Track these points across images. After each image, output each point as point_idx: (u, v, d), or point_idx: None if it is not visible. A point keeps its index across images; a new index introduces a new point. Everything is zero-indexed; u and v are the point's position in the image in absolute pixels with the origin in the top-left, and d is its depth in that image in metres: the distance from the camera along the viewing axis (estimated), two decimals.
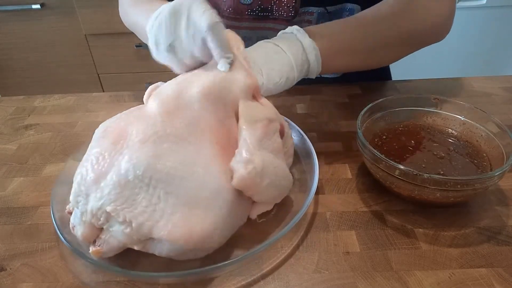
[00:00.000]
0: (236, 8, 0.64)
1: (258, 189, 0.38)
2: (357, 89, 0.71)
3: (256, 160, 0.37)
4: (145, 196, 0.36)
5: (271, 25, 0.66)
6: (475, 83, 0.71)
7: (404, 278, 0.38)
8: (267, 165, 0.38)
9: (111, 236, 0.37)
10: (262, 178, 0.38)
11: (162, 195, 0.36)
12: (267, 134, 0.41)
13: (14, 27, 1.69)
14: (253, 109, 0.42)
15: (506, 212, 0.44)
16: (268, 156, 0.39)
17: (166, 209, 0.35)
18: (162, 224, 0.35)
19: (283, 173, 0.41)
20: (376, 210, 0.45)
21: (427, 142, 0.50)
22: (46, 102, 0.73)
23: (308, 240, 0.42)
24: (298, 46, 0.47)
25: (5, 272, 0.41)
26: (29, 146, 0.61)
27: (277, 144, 0.42)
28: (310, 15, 0.65)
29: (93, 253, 0.37)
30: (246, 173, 0.37)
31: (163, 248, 0.36)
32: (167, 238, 0.35)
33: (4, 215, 0.48)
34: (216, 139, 0.40)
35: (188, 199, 0.36)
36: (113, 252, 0.38)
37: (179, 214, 0.36)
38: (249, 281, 0.39)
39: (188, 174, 0.37)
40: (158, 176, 0.36)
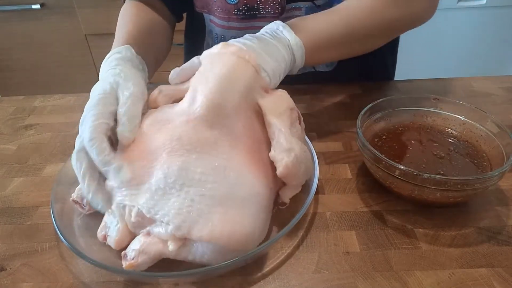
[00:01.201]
0: (224, 8, 0.64)
1: (298, 175, 0.41)
2: (357, 89, 0.71)
3: (296, 148, 0.40)
4: (177, 200, 0.36)
5: (259, 23, 0.65)
6: (475, 83, 0.71)
7: (404, 278, 0.38)
8: (301, 151, 0.41)
9: (149, 245, 0.37)
10: (300, 164, 0.41)
11: (197, 198, 0.36)
12: (293, 123, 0.43)
13: (14, 27, 1.69)
14: (274, 102, 0.43)
15: (506, 212, 0.44)
16: (298, 142, 0.42)
17: (203, 210, 0.36)
18: (201, 224, 0.35)
19: (308, 156, 0.44)
20: (376, 210, 0.45)
21: (427, 142, 0.50)
22: (46, 102, 0.73)
23: (308, 240, 0.42)
24: (285, 42, 0.47)
25: (5, 272, 0.41)
26: (29, 146, 0.61)
27: (299, 131, 0.44)
28: (298, 10, 0.64)
29: (127, 267, 0.36)
30: (290, 162, 0.39)
31: (204, 251, 0.36)
32: (208, 237, 0.35)
33: (4, 215, 0.48)
34: (244, 145, 0.41)
35: (224, 200, 0.36)
36: (146, 264, 0.37)
37: (218, 214, 0.36)
38: (249, 281, 0.39)
39: (220, 178, 0.37)
40: (189, 182, 0.37)
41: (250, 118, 0.42)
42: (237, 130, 0.41)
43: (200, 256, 0.36)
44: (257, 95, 0.43)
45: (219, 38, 0.69)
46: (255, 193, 0.38)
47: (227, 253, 0.36)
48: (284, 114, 0.42)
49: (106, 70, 0.46)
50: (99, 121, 0.39)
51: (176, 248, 0.36)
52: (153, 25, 0.62)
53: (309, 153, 0.44)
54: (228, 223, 0.36)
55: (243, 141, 0.41)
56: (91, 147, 0.38)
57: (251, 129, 0.42)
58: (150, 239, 0.37)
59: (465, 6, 1.62)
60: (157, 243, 0.37)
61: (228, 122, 0.41)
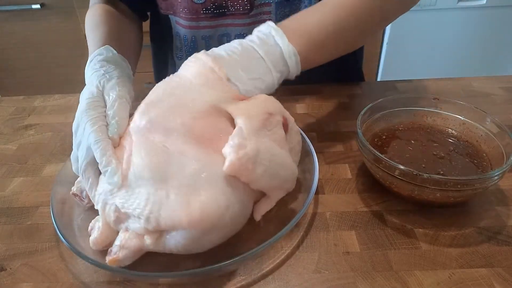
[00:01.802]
0: (191, 8, 0.63)
1: (252, 176, 0.37)
2: (357, 89, 0.71)
3: (249, 146, 0.37)
4: (144, 192, 0.36)
5: (230, 21, 0.65)
6: (475, 83, 0.71)
7: (404, 278, 0.38)
8: (263, 152, 0.37)
9: (127, 240, 0.37)
10: (255, 164, 0.37)
11: (158, 186, 0.36)
12: (266, 126, 0.40)
13: (14, 27, 1.69)
14: (246, 106, 0.41)
15: (506, 212, 0.44)
16: (265, 144, 0.38)
17: (162, 199, 0.35)
18: (163, 213, 0.35)
19: (283, 162, 0.40)
20: (376, 210, 0.45)
21: (427, 142, 0.50)
22: (46, 102, 0.73)
23: (308, 240, 0.42)
24: (277, 52, 0.45)
25: (5, 272, 0.41)
26: (29, 146, 0.61)
27: (279, 136, 0.41)
28: (268, 6, 0.64)
29: (110, 263, 0.37)
30: (236, 158, 0.36)
31: (177, 239, 0.36)
32: (171, 224, 0.35)
33: (4, 215, 0.48)
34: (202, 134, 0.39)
35: (177, 182, 0.36)
36: (129, 258, 0.37)
37: (173, 197, 0.35)
38: (249, 281, 0.39)
39: (175, 163, 0.37)
40: (148, 174, 0.36)
41: (217, 121, 0.40)
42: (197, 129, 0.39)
43: (175, 245, 0.36)
44: (225, 103, 0.41)
45: (189, 39, 0.68)
46: (213, 171, 0.37)
47: (198, 236, 0.36)
48: (255, 116, 0.39)
49: (91, 74, 0.46)
50: (99, 124, 0.40)
51: (153, 241, 0.37)
52: (123, 24, 0.63)
53: (283, 160, 0.40)
54: (187, 204, 0.35)
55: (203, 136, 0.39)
56: (96, 148, 0.39)
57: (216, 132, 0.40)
58: (128, 234, 0.38)
59: (465, 6, 1.62)
60: (135, 237, 0.37)
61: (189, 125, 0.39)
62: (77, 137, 0.41)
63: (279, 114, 0.42)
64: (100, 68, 0.46)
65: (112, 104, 0.42)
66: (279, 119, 0.41)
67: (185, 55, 0.71)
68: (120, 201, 0.37)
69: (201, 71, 0.42)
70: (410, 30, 1.66)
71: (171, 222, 0.35)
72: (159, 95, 0.42)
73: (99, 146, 0.39)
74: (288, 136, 0.43)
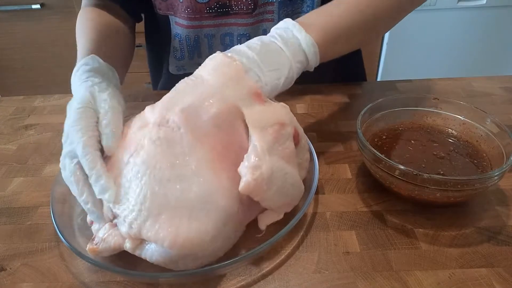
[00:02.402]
0: (194, 8, 0.63)
1: (265, 196, 0.38)
2: (357, 89, 0.71)
3: (264, 166, 0.37)
4: (133, 195, 0.36)
5: (233, 20, 0.65)
6: (475, 83, 0.71)
7: (404, 278, 0.38)
8: (276, 172, 0.38)
9: (110, 235, 0.38)
10: (269, 184, 0.37)
11: (149, 195, 0.36)
12: (278, 140, 0.40)
13: (14, 27, 1.69)
14: (261, 114, 0.41)
15: (506, 212, 0.44)
16: (278, 162, 0.39)
17: (153, 209, 0.35)
18: (149, 224, 0.35)
19: (293, 181, 0.40)
20: (376, 210, 0.45)
21: (427, 142, 0.50)
22: (46, 102, 0.73)
23: (308, 240, 0.42)
24: (296, 44, 0.46)
25: (5, 272, 0.41)
26: (29, 146, 0.61)
27: (289, 151, 0.41)
28: (271, 5, 0.64)
29: (89, 250, 0.38)
30: (252, 179, 0.36)
31: (153, 252, 0.36)
32: (153, 238, 0.35)
33: (4, 215, 0.48)
34: (213, 145, 0.39)
35: (174, 201, 0.36)
36: (107, 252, 0.38)
37: (165, 215, 0.35)
38: (249, 281, 0.39)
39: (174, 176, 0.36)
40: (146, 177, 0.36)
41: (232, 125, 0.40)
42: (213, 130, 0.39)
43: (150, 256, 0.37)
44: (241, 101, 0.40)
45: (192, 39, 0.68)
46: (212, 194, 0.37)
47: (174, 258, 0.36)
48: (268, 128, 0.39)
49: (79, 84, 0.46)
50: (88, 134, 0.40)
51: (133, 246, 0.37)
52: (113, 28, 0.62)
53: (293, 178, 0.40)
54: (175, 225, 0.35)
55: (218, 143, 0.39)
56: (85, 161, 0.38)
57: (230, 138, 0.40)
58: (112, 231, 0.38)
59: (465, 6, 1.62)
60: (118, 236, 0.37)
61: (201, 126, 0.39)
62: (65, 147, 0.41)
63: (291, 126, 0.42)
64: (87, 79, 0.46)
65: (105, 113, 0.42)
66: (290, 132, 0.41)
67: (187, 55, 0.71)
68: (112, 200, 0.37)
69: (217, 68, 0.42)
70: (410, 30, 1.66)
71: (154, 237, 0.35)
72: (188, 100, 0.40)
73: (87, 159, 0.38)
74: (298, 150, 0.43)
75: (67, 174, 0.40)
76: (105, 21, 0.61)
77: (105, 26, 0.60)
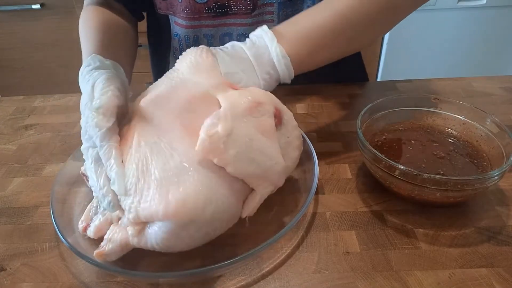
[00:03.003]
0: (193, 8, 0.63)
1: (223, 157, 0.37)
2: (357, 89, 0.71)
3: (221, 125, 0.37)
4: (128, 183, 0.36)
5: (232, 20, 0.65)
6: (475, 83, 0.71)
7: (404, 278, 0.38)
8: (238, 134, 0.37)
9: (115, 233, 0.38)
10: (227, 145, 0.37)
11: (137, 176, 0.36)
12: (252, 112, 0.39)
13: (14, 27, 1.69)
14: (235, 95, 0.40)
15: (506, 212, 0.44)
16: (246, 128, 0.38)
17: (142, 188, 0.36)
18: (142, 202, 0.35)
19: (263, 149, 0.39)
20: (376, 210, 0.45)
21: (427, 142, 0.50)
22: (46, 102, 0.73)
23: (308, 240, 0.42)
24: (265, 55, 0.45)
25: (5, 272, 0.41)
26: (29, 146, 0.61)
27: (266, 124, 0.40)
28: (271, 6, 0.63)
29: (96, 255, 0.37)
30: (207, 136, 0.36)
31: (156, 232, 0.36)
32: (148, 214, 0.35)
33: (4, 215, 0.48)
34: (185, 125, 0.39)
35: (158, 174, 0.36)
36: (116, 253, 0.38)
37: (153, 189, 0.35)
38: (249, 281, 0.39)
39: (155, 153, 0.37)
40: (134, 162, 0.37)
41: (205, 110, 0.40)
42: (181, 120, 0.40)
43: (154, 239, 0.36)
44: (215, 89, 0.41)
45: (191, 39, 0.68)
46: (195, 166, 0.36)
47: (175, 230, 0.35)
48: (242, 103, 0.39)
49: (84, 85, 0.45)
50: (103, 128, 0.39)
51: (135, 233, 0.37)
52: (116, 27, 0.62)
53: (267, 149, 0.39)
54: (163, 195, 0.35)
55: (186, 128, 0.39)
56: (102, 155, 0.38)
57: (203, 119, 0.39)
58: (117, 228, 0.38)
59: (465, 6, 1.62)
60: (121, 231, 0.37)
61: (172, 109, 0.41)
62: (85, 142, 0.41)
63: (270, 105, 0.41)
64: (90, 78, 0.45)
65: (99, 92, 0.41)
66: (269, 109, 0.41)
67: None
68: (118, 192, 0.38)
69: (192, 60, 0.44)
70: (410, 30, 1.66)
71: (148, 213, 0.35)
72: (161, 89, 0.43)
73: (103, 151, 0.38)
74: (284, 128, 0.42)
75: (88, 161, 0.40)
76: (109, 20, 0.61)
77: (110, 25, 0.60)
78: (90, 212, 0.43)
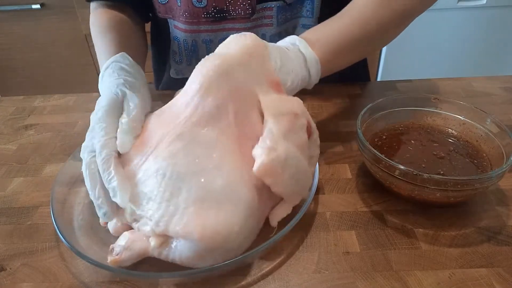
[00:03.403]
0: (192, 12, 0.63)
1: (278, 179, 0.38)
2: (357, 89, 0.71)
3: (280, 149, 0.37)
4: (158, 193, 0.36)
5: (231, 25, 0.65)
6: (475, 83, 0.71)
7: (404, 278, 0.38)
8: (291, 157, 0.38)
9: (133, 241, 0.37)
10: (284, 168, 0.37)
11: (175, 191, 0.36)
12: (293, 128, 0.40)
13: (14, 27, 1.69)
14: (277, 101, 0.41)
15: (506, 212, 0.44)
16: (293, 148, 0.39)
17: (180, 204, 0.35)
18: (176, 219, 0.35)
19: (304, 170, 0.41)
20: (376, 210, 0.45)
21: (427, 142, 0.50)
22: (46, 102, 0.73)
23: (308, 240, 0.42)
24: (301, 60, 0.47)
25: (5, 272, 0.41)
26: (29, 146, 0.61)
27: (303, 141, 0.41)
28: (269, 10, 0.63)
29: (111, 263, 0.37)
30: (268, 160, 0.36)
31: (182, 249, 0.36)
32: (182, 232, 0.35)
33: (4, 215, 0.48)
34: (236, 135, 0.39)
35: (200, 194, 0.36)
36: (131, 260, 0.37)
37: (193, 208, 0.35)
38: (249, 281, 0.39)
39: (199, 169, 0.37)
40: (169, 174, 0.36)
41: (248, 109, 0.40)
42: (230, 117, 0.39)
43: (179, 255, 0.36)
44: (258, 87, 0.41)
45: (190, 43, 0.68)
46: (236, 184, 0.37)
47: (203, 252, 0.35)
48: (284, 116, 0.40)
49: (109, 81, 0.46)
50: (110, 135, 0.40)
51: (158, 245, 0.36)
52: (128, 28, 0.62)
53: (305, 167, 0.41)
54: (202, 217, 0.35)
55: (236, 139, 0.39)
56: (99, 161, 0.39)
57: (246, 128, 0.40)
58: (135, 236, 0.38)
59: (465, 6, 1.62)
60: (142, 240, 0.37)
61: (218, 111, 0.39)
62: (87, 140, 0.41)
63: (304, 117, 0.42)
64: (119, 77, 0.46)
65: (131, 111, 0.42)
66: (304, 122, 0.42)
67: (185, 59, 0.71)
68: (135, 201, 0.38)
69: (244, 49, 0.42)
70: (410, 30, 1.64)
71: (182, 231, 0.35)
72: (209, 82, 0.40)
73: (102, 159, 0.38)
74: (310, 144, 0.43)
75: (83, 166, 0.40)
76: (120, 21, 0.61)
77: (122, 25, 0.60)
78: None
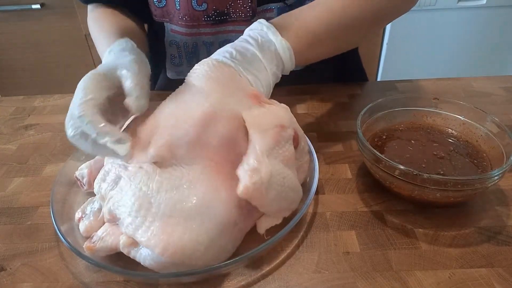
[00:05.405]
0: (192, 15, 0.63)
1: (264, 200, 0.37)
2: (357, 89, 0.71)
3: (263, 170, 0.36)
4: (129, 202, 0.37)
5: (231, 27, 0.64)
6: (475, 83, 0.71)
7: (404, 278, 0.38)
8: (275, 176, 0.37)
9: (108, 234, 0.38)
10: (268, 189, 0.37)
11: (145, 204, 0.36)
12: (278, 142, 0.39)
13: (14, 27, 1.69)
14: (260, 117, 0.40)
15: (506, 212, 0.44)
16: (278, 166, 0.38)
17: (147, 217, 0.36)
18: (142, 230, 0.35)
19: (292, 185, 0.40)
20: (376, 210, 0.45)
21: (427, 142, 0.50)
22: (46, 102, 0.73)
23: (308, 240, 0.42)
24: (271, 48, 0.46)
25: (5, 272, 0.41)
26: (29, 146, 0.61)
27: (289, 153, 0.40)
28: (270, 12, 0.63)
29: (86, 248, 0.38)
30: (251, 183, 0.36)
31: (146, 256, 0.36)
32: (145, 244, 0.35)
33: (4, 215, 0.48)
34: (210, 156, 0.38)
35: (169, 210, 0.36)
36: (104, 251, 0.38)
37: (159, 223, 0.35)
38: (249, 281, 0.39)
39: (171, 187, 0.37)
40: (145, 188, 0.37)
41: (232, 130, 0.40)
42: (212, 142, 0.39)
43: (143, 260, 0.36)
44: (240, 105, 0.40)
45: (190, 46, 0.68)
46: (210, 212, 0.36)
47: (165, 264, 0.35)
48: (268, 131, 0.39)
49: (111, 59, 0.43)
50: (89, 96, 0.37)
51: (127, 244, 0.37)
52: (128, 27, 0.62)
53: (292, 182, 0.40)
54: (166, 233, 0.35)
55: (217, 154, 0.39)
56: (84, 124, 0.36)
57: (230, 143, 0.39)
58: (112, 230, 0.38)
59: (465, 6, 1.62)
60: (116, 234, 0.38)
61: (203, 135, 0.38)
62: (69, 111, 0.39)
63: (291, 128, 0.41)
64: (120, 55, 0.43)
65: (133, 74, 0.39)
66: (290, 134, 0.41)
67: (186, 62, 0.71)
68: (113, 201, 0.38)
69: (209, 74, 0.42)
70: (410, 30, 1.66)
71: (146, 242, 0.35)
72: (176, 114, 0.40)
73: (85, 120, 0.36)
74: (298, 152, 0.43)
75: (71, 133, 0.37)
76: (120, 20, 0.61)
77: (123, 25, 0.60)
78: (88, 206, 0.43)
